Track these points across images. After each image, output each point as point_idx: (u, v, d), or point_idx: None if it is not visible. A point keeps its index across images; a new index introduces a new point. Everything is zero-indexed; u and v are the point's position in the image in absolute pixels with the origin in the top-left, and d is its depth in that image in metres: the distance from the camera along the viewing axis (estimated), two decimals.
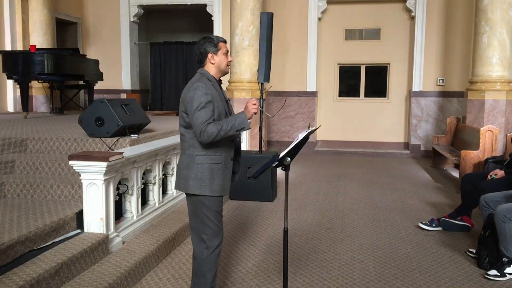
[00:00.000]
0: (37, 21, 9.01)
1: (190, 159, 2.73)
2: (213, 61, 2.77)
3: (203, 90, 2.63)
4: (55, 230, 3.32)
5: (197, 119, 2.60)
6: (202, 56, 2.78)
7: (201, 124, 2.58)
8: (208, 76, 2.76)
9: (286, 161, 2.48)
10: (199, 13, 11.13)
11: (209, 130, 2.57)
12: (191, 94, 2.65)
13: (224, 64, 2.79)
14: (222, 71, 2.82)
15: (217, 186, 2.73)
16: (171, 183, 4.96)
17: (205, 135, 2.58)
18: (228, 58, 2.81)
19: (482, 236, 3.80)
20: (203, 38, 2.82)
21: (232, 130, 2.62)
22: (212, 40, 2.77)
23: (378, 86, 10.44)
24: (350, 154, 9.80)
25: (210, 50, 2.76)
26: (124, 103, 4.87)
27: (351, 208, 5.53)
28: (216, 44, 2.76)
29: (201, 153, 2.71)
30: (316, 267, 3.72)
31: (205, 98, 2.62)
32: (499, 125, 7.28)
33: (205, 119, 2.59)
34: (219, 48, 2.77)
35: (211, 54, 2.76)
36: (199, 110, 2.60)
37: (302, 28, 9.99)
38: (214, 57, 2.76)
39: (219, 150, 2.72)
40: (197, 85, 2.66)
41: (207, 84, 2.69)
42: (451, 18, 9.45)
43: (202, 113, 2.60)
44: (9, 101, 8.93)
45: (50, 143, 4.71)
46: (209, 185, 2.71)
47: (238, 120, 2.63)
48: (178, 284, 3.37)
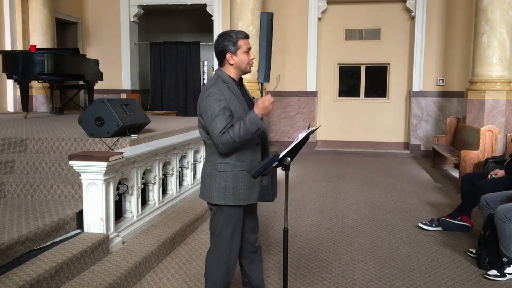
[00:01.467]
0: (37, 21, 9.00)
1: (213, 167, 2.58)
2: (232, 62, 2.56)
3: (216, 97, 2.46)
4: (55, 230, 3.32)
5: (213, 130, 2.45)
6: (220, 55, 2.57)
7: (217, 136, 2.44)
8: (224, 77, 2.56)
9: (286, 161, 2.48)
10: (199, 13, 11.13)
11: (223, 140, 2.42)
12: (204, 103, 2.49)
13: (245, 63, 2.58)
14: (243, 71, 2.61)
15: (243, 195, 2.58)
16: (171, 183, 4.96)
17: (222, 146, 2.45)
18: (250, 56, 2.58)
19: (482, 236, 3.80)
20: (221, 34, 2.58)
21: (247, 134, 2.42)
22: (230, 38, 2.53)
23: (378, 86, 10.44)
24: (350, 154, 9.80)
25: (229, 50, 2.54)
26: (124, 103, 4.87)
27: (351, 208, 5.53)
28: (235, 42, 2.53)
29: (223, 160, 2.55)
30: (316, 267, 3.72)
31: (218, 106, 2.44)
32: (499, 125, 7.28)
33: (220, 129, 2.43)
34: (238, 46, 2.54)
35: (230, 54, 2.54)
36: (213, 120, 2.44)
37: (302, 28, 9.99)
38: (233, 57, 2.55)
39: (243, 156, 2.56)
40: (209, 92, 2.49)
41: (221, 88, 2.51)
42: (451, 18, 9.45)
43: (217, 123, 2.44)
44: (9, 101, 8.92)
45: (50, 143, 4.71)
46: (233, 194, 2.56)
47: (250, 121, 2.42)
48: (178, 284, 3.36)
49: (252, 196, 2.64)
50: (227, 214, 2.62)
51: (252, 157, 2.60)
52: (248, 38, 2.62)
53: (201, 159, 5.85)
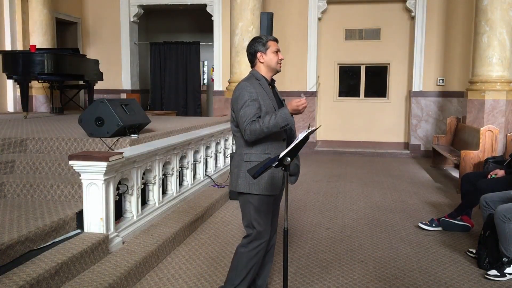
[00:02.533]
0: (37, 21, 9.01)
1: (240, 158, 2.78)
2: (262, 60, 2.79)
3: (248, 89, 2.69)
4: (55, 230, 3.32)
5: (242, 117, 2.66)
6: (252, 56, 2.82)
7: (245, 122, 2.64)
8: (257, 75, 2.80)
9: (286, 161, 2.48)
10: (199, 13, 11.14)
11: (252, 128, 2.61)
12: (237, 94, 2.72)
13: (275, 62, 2.80)
14: (273, 69, 2.83)
15: (266, 185, 2.74)
16: (171, 183, 4.96)
17: (248, 133, 2.63)
18: (279, 56, 2.81)
19: (482, 236, 3.80)
20: (253, 39, 2.85)
21: (275, 127, 2.60)
22: (261, 40, 2.80)
23: (378, 86, 10.44)
24: (350, 154, 9.80)
25: (259, 50, 2.79)
26: (124, 103, 4.87)
27: (351, 208, 5.53)
28: (265, 43, 2.78)
29: (250, 151, 2.74)
30: (316, 267, 3.72)
31: (248, 96, 2.67)
32: (499, 125, 7.28)
33: (249, 117, 2.63)
34: (268, 46, 2.78)
35: (260, 53, 2.79)
36: (243, 108, 2.66)
37: (302, 28, 9.99)
38: (263, 56, 2.79)
39: (268, 148, 2.73)
40: (242, 84, 2.73)
41: (253, 83, 2.74)
42: (451, 18, 9.45)
43: (247, 111, 2.65)
44: (9, 101, 8.93)
45: (50, 143, 4.71)
46: (256, 183, 2.72)
47: (281, 116, 2.60)
48: (178, 284, 3.37)
49: (275, 188, 2.79)
50: (254, 202, 2.77)
51: (277, 151, 2.72)
52: (277, 41, 2.86)
53: (201, 159, 5.86)
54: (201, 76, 12.42)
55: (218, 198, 5.41)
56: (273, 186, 2.78)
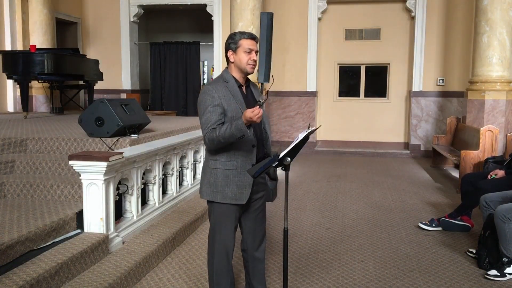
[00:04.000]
0: (37, 21, 9.00)
1: (206, 164, 2.67)
2: (232, 59, 2.57)
3: (210, 93, 2.51)
4: (55, 230, 3.32)
5: (203, 124, 2.51)
6: (225, 54, 2.61)
7: (204, 130, 2.50)
8: (226, 76, 2.60)
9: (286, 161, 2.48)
10: (199, 13, 11.13)
11: (210, 136, 2.47)
12: (200, 98, 2.56)
13: (244, 62, 2.54)
14: (243, 70, 2.58)
15: (230, 193, 2.58)
16: (171, 183, 4.96)
17: (207, 141, 2.50)
18: (251, 57, 2.54)
19: (482, 236, 3.80)
20: (229, 35, 2.62)
21: (231, 137, 2.42)
22: (234, 37, 2.56)
23: (378, 86, 10.44)
24: (350, 154, 9.80)
25: (230, 48, 2.57)
26: (124, 103, 4.87)
27: (351, 208, 5.53)
28: (237, 41, 2.54)
29: (214, 158, 2.60)
30: (316, 267, 3.72)
31: (210, 102, 2.49)
32: (499, 125, 7.28)
33: (208, 125, 2.47)
34: (239, 45, 2.54)
35: (230, 52, 2.57)
36: (204, 115, 2.50)
37: (302, 28, 9.98)
38: (233, 55, 2.57)
39: (234, 155, 2.56)
40: (205, 88, 2.56)
41: (218, 86, 2.55)
42: (451, 18, 9.45)
43: (207, 118, 2.48)
44: (9, 101, 8.92)
45: (50, 143, 4.71)
46: (221, 191, 2.59)
47: (236, 126, 2.37)
48: (178, 284, 3.37)
49: (241, 197, 2.61)
50: (218, 211, 2.66)
51: (244, 158, 2.59)
52: (255, 39, 2.58)
53: (201, 159, 5.85)
54: (201, 76, 12.41)
55: None
56: (239, 194, 2.59)
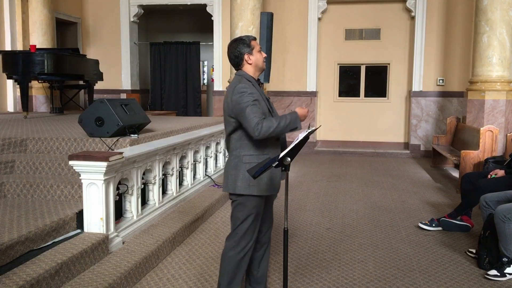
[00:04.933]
0: (37, 21, 9.00)
1: (238, 160, 2.76)
2: (251, 61, 2.80)
3: (247, 91, 2.68)
4: (55, 230, 3.32)
5: (249, 117, 2.62)
6: (237, 59, 2.80)
7: (254, 122, 2.61)
8: (247, 77, 2.79)
9: (286, 161, 2.48)
10: (199, 13, 11.13)
11: (265, 126, 2.60)
12: (237, 97, 2.67)
13: (261, 61, 2.83)
14: (260, 68, 2.84)
15: (265, 185, 2.76)
16: (171, 183, 4.96)
17: (262, 131, 2.60)
18: (263, 55, 2.84)
19: (482, 236, 3.80)
20: (234, 41, 2.83)
21: (287, 128, 2.67)
22: (244, 41, 2.79)
23: (378, 86, 10.43)
24: (350, 154, 9.80)
25: (245, 51, 2.78)
26: (124, 103, 4.87)
27: (351, 208, 5.53)
28: (249, 44, 2.79)
29: (248, 153, 2.74)
30: (316, 267, 3.72)
31: (251, 97, 2.66)
32: (499, 125, 7.28)
33: (257, 117, 2.62)
34: (252, 46, 2.79)
35: (247, 55, 2.79)
36: (249, 107, 2.63)
37: (302, 28, 9.98)
38: (250, 56, 2.79)
39: (266, 149, 2.75)
40: (240, 87, 2.69)
41: (249, 84, 2.73)
42: (451, 18, 9.45)
43: (253, 110, 2.63)
44: (9, 101, 8.92)
45: (50, 143, 4.71)
46: (256, 185, 2.72)
47: (293, 119, 2.70)
48: (178, 284, 3.37)
49: (274, 188, 2.82)
50: (249, 205, 2.77)
51: (273, 151, 2.78)
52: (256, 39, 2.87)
53: (201, 159, 5.86)
54: (201, 76, 12.42)
55: (218, 198, 5.41)
56: (272, 186, 2.80)
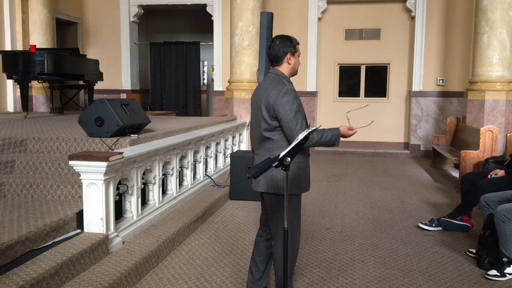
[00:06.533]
0: (37, 21, 9.01)
1: None
2: (290, 62, 2.81)
3: (293, 94, 2.70)
4: (55, 230, 3.32)
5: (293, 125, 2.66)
6: (281, 55, 2.80)
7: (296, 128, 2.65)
8: (286, 78, 2.82)
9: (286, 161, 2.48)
10: (199, 13, 11.13)
11: (310, 137, 2.64)
12: (281, 100, 2.67)
13: (298, 66, 2.88)
14: (295, 72, 2.88)
15: (304, 184, 2.86)
16: (171, 183, 4.96)
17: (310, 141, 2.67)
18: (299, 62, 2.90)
19: (482, 236, 3.80)
20: (282, 37, 2.83)
21: (326, 144, 2.75)
22: (292, 41, 2.81)
23: (378, 86, 10.43)
24: (350, 154, 9.80)
25: (290, 51, 2.80)
26: (124, 103, 4.86)
27: (351, 208, 5.53)
28: (295, 46, 2.82)
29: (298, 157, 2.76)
30: (316, 267, 3.72)
31: (297, 102, 2.70)
32: (499, 125, 7.28)
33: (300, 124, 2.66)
34: (296, 49, 2.83)
35: (290, 55, 2.80)
36: (295, 116, 2.67)
37: (302, 28, 9.98)
38: (292, 58, 2.81)
39: (303, 153, 2.82)
40: (287, 89, 2.70)
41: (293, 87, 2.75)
42: (451, 18, 9.45)
43: (297, 118, 2.67)
44: (9, 101, 8.92)
45: (50, 143, 4.71)
46: (297, 183, 2.79)
47: (334, 136, 2.74)
48: (178, 284, 3.37)
49: (308, 186, 2.92)
50: (296, 201, 2.87)
51: (306, 156, 2.88)
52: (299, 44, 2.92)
53: (201, 159, 5.86)
54: (201, 76, 12.42)
55: (218, 198, 5.41)
56: (307, 184, 2.90)
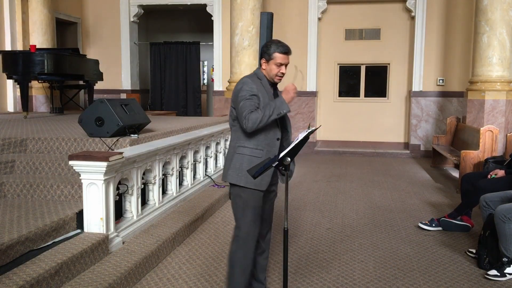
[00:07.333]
0: (37, 21, 9.00)
1: (233, 150, 2.85)
2: (264, 67, 2.86)
3: (249, 84, 2.76)
4: (55, 230, 3.32)
5: (241, 108, 2.71)
6: (260, 57, 2.89)
7: (244, 112, 2.69)
8: (260, 75, 2.87)
9: (286, 161, 2.48)
10: (199, 13, 11.13)
11: (252, 117, 2.66)
12: (238, 87, 2.79)
13: (273, 74, 2.84)
14: (271, 79, 2.87)
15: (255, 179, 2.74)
16: (171, 183, 4.96)
17: (250, 123, 2.66)
18: (281, 70, 2.82)
19: (482, 236, 3.80)
20: (270, 41, 2.88)
21: (274, 114, 2.68)
22: (269, 48, 2.82)
23: (378, 86, 10.44)
24: (350, 154, 9.80)
25: (264, 57, 2.85)
26: (124, 103, 4.87)
27: (351, 208, 5.53)
28: (271, 54, 2.81)
29: (243, 144, 2.81)
30: (316, 267, 3.72)
31: (249, 90, 2.74)
32: (499, 125, 7.28)
33: (248, 108, 2.69)
34: (272, 57, 2.81)
35: (264, 60, 2.85)
36: (243, 101, 2.72)
37: (302, 28, 9.99)
38: (265, 64, 2.85)
39: (261, 144, 2.79)
40: (244, 79, 2.81)
41: (255, 80, 2.81)
42: (451, 18, 9.45)
43: (247, 103, 2.70)
44: (9, 101, 8.92)
45: (50, 143, 4.71)
46: (245, 176, 2.75)
47: (278, 105, 2.71)
48: (178, 284, 3.37)
49: (262, 184, 2.81)
50: (243, 196, 2.83)
51: (269, 149, 2.81)
52: (287, 53, 2.83)
53: (201, 159, 5.85)
54: (201, 76, 12.42)
55: (218, 198, 5.41)
56: (260, 181, 2.77)
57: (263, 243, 3.06)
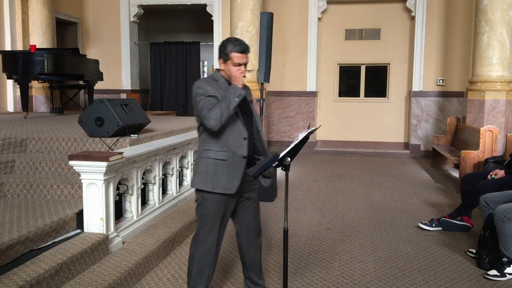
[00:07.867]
0: (37, 21, 9.00)
1: (199, 154, 2.79)
2: (222, 67, 2.75)
3: (204, 87, 2.69)
4: (55, 230, 3.32)
5: (200, 110, 2.65)
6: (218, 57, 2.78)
7: (204, 112, 2.62)
8: (216, 76, 2.78)
9: (286, 161, 2.48)
10: (199, 13, 11.13)
11: (212, 114, 2.59)
12: (194, 91, 2.72)
13: (232, 75, 2.69)
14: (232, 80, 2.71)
15: (220, 183, 2.69)
16: (171, 183, 4.96)
17: (212, 120, 2.59)
18: (240, 70, 2.68)
19: (482, 236, 3.80)
20: (226, 40, 2.75)
21: (232, 101, 2.59)
22: (226, 47, 2.69)
23: (378, 86, 10.44)
24: (350, 154, 9.80)
25: (221, 56, 2.74)
26: (124, 103, 4.87)
27: (351, 208, 5.53)
28: (227, 53, 2.69)
29: (207, 147, 2.73)
30: (316, 267, 3.72)
31: (204, 93, 2.67)
32: (499, 125, 7.28)
33: (207, 108, 2.62)
34: (229, 58, 2.69)
35: (221, 61, 2.74)
36: (200, 103, 2.65)
37: (302, 28, 9.99)
38: (223, 64, 2.74)
39: (226, 146, 2.69)
40: (197, 84, 2.73)
41: (210, 82, 2.73)
42: (451, 18, 9.45)
43: (204, 103, 2.63)
44: (9, 101, 8.92)
45: (50, 143, 4.71)
46: (211, 180, 2.69)
47: (232, 90, 2.63)
48: (178, 284, 3.37)
49: (230, 187, 2.70)
50: (207, 202, 2.75)
51: (236, 149, 2.70)
52: (246, 53, 2.72)
53: None
54: (201, 76, 12.41)
55: None
56: (228, 184, 2.69)
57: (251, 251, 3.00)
